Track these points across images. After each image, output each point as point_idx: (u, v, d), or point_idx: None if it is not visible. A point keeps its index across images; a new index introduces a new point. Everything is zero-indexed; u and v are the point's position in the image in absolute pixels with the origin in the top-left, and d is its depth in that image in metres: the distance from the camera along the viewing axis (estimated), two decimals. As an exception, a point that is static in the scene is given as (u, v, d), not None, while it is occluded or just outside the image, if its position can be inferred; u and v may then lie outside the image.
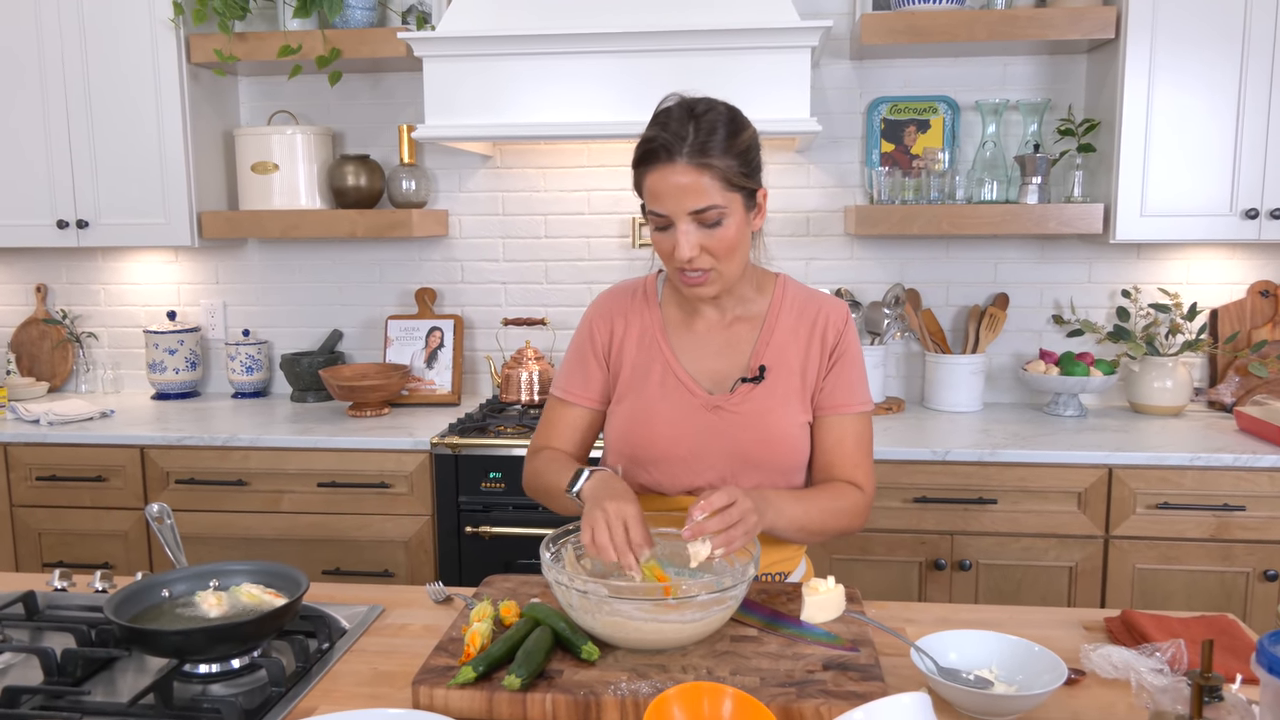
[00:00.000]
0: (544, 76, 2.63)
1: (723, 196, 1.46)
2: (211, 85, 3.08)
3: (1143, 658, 1.25)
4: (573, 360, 1.70)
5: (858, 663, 1.25)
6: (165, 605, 1.38)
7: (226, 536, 2.74)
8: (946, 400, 2.96)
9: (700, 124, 1.45)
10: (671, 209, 1.46)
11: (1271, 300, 2.96)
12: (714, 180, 1.45)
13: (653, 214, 1.50)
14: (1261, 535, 2.44)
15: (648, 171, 1.48)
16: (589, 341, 1.69)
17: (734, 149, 1.47)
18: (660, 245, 1.52)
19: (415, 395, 3.12)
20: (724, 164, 1.45)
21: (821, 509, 1.54)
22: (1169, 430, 2.70)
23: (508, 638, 1.26)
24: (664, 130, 1.46)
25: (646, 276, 1.73)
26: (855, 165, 3.06)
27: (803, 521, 1.51)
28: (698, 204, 1.45)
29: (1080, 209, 2.71)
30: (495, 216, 3.21)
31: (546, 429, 1.72)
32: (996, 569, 2.54)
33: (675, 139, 1.44)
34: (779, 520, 1.47)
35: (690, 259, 1.48)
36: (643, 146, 1.49)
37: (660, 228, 1.50)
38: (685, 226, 1.47)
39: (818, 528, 1.54)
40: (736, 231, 1.50)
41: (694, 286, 1.53)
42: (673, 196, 1.45)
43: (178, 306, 3.36)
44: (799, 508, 1.51)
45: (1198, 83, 2.62)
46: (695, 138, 1.44)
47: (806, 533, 1.54)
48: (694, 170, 1.44)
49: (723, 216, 1.47)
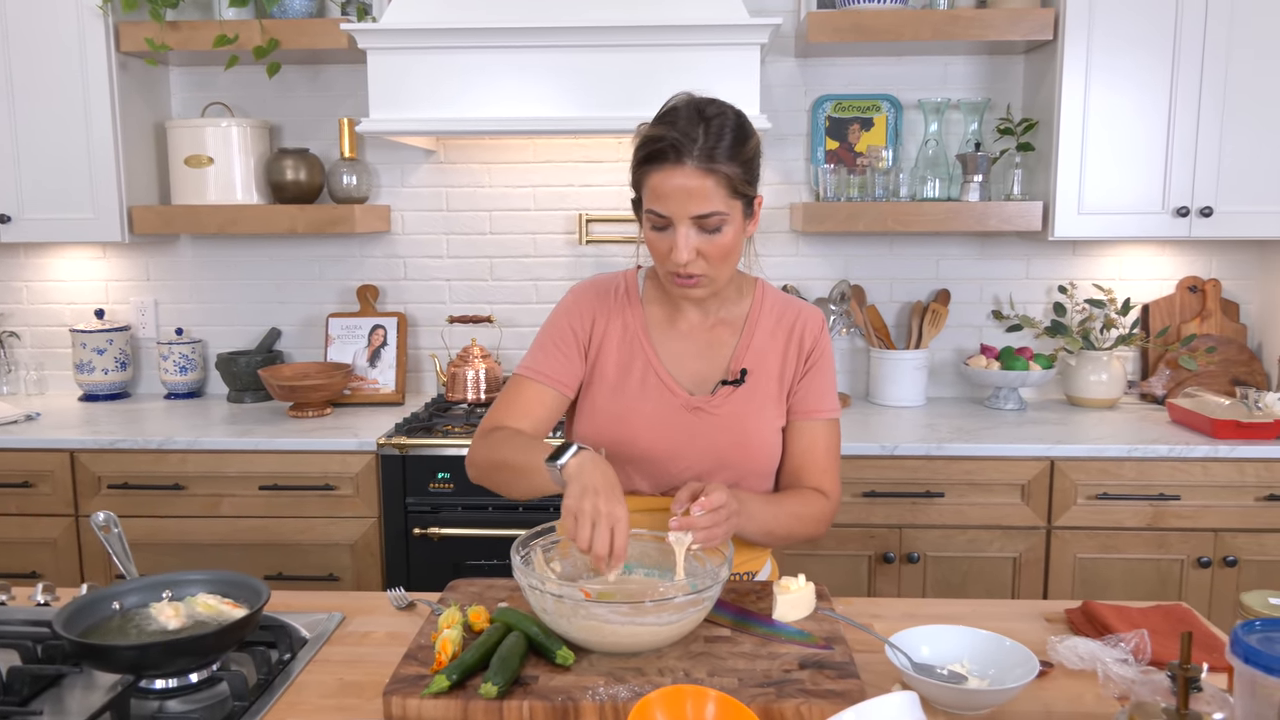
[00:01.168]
0: (491, 71, 2.59)
1: (725, 204, 1.45)
2: (142, 75, 2.97)
3: (1108, 648, 1.28)
4: (546, 343, 1.63)
5: (833, 660, 1.25)
6: (117, 619, 1.32)
7: (163, 543, 2.65)
8: (891, 395, 3.00)
9: (710, 127, 1.43)
10: (674, 211, 1.44)
11: (1199, 295, 3.06)
12: (719, 187, 1.43)
13: (651, 213, 1.47)
14: (1195, 524, 2.52)
15: (652, 170, 1.45)
16: (569, 328, 1.63)
17: (740, 156, 1.45)
18: (656, 245, 1.50)
19: (358, 395, 3.05)
20: (730, 171, 1.43)
21: (789, 514, 1.55)
22: (1105, 422, 2.78)
23: (480, 644, 1.23)
24: (672, 129, 1.43)
25: (627, 272, 1.70)
26: (800, 163, 3.08)
27: (770, 526, 1.52)
28: (701, 209, 1.44)
29: (1020, 207, 2.77)
30: (439, 212, 3.16)
31: (505, 407, 1.61)
32: (944, 561, 2.58)
33: (685, 139, 1.42)
34: (749, 524, 1.47)
35: (686, 263, 1.46)
36: (649, 145, 1.46)
37: (658, 228, 1.48)
38: (685, 230, 1.45)
39: (783, 533, 1.55)
40: (734, 238, 1.48)
41: (685, 289, 1.52)
42: (677, 199, 1.43)
43: (106, 304, 3.24)
44: (768, 512, 1.52)
45: (1132, 84, 2.69)
46: (705, 141, 1.42)
47: (772, 537, 1.55)
48: (701, 175, 1.42)
49: (723, 223, 1.46)
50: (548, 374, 1.61)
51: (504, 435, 1.54)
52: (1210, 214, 2.70)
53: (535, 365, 1.62)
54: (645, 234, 1.52)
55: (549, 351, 1.62)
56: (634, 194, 1.55)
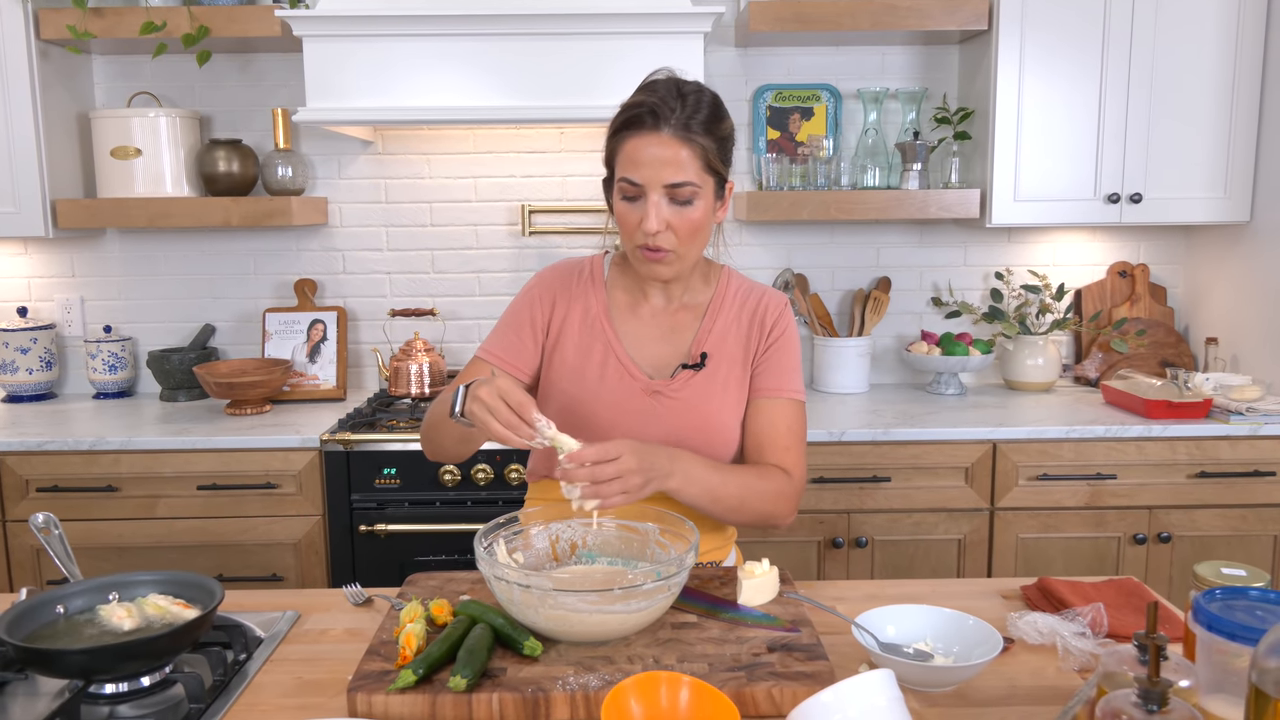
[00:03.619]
0: (430, 59, 2.55)
1: (699, 176, 1.46)
2: (63, 63, 2.86)
3: (1066, 622, 1.30)
4: (506, 327, 1.64)
5: (801, 643, 1.26)
6: (62, 622, 1.27)
7: (98, 546, 2.56)
8: (835, 382, 3.03)
9: (687, 100, 1.46)
10: (647, 178, 1.45)
11: (1129, 280, 3.15)
12: (694, 157, 1.45)
13: (624, 182, 1.47)
14: (1130, 502, 2.60)
15: (629, 137, 1.46)
16: (527, 313, 1.64)
17: (716, 131, 1.48)
18: (626, 217, 1.50)
19: (298, 391, 2.98)
20: (706, 143, 1.46)
21: (740, 484, 1.50)
22: (1043, 405, 2.84)
23: (446, 637, 1.21)
24: (652, 95, 1.46)
25: (594, 256, 1.70)
26: (742, 152, 3.08)
27: (718, 491, 1.46)
28: (675, 177, 1.44)
29: (959, 194, 2.81)
30: (378, 204, 3.10)
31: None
32: (891, 545, 2.61)
33: (663, 106, 1.44)
34: (688, 486, 1.42)
35: (655, 232, 1.46)
36: (627, 111, 1.47)
37: (629, 197, 1.48)
38: (656, 199, 1.46)
39: (734, 502, 1.49)
40: (703, 215, 1.49)
41: (652, 264, 1.52)
42: (651, 166, 1.44)
43: (29, 302, 3.11)
44: (714, 476, 1.46)
45: (1064, 73, 2.75)
46: (682, 111, 1.45)
47: (723, 506, 1.48)
48: (677, 142, 1.44)
49: (695, 196, 1.47)
50: (501, 356, 1.61)
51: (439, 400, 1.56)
52: (1140, 200, 2.78)
53: (490, 347, 1.63)
54: (615, 207, 1.52)
55: (505, 335, 1.63)
56: (606, 172, 1.56)
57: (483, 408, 1.30)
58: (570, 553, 1.45)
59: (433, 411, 1.55)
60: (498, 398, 1.29)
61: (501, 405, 1.29)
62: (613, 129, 1.51)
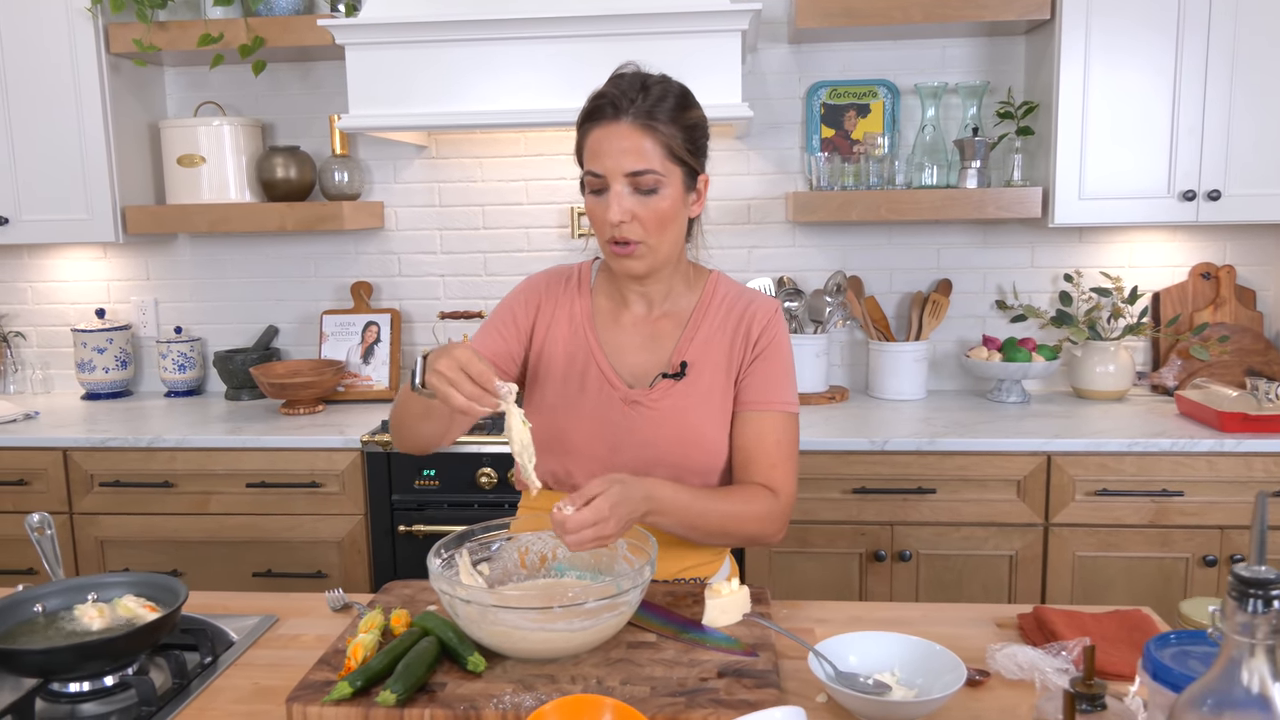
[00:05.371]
0: (472, 64, 2.56)
1: (662, 165, 1.44)
2: (133, 76, 2.99)
3: (1049, 657, 1.22)
4: (488, 324, 1.64)
5: (755, 668, 1.20)
6: (39, 621, 1.31)
7: (153, 540, 2.67)
8: (890, 388, 2.93)
9: (650, 91, 1.45)
10: (609, 168, 1.43)
11: (1213, 282, 2.95)
12: (656, 146, 1.43)
13: (590, 174, 1.46)
14: (1199, 520, 2.43)
15: (592, 128, 1.46)
16: (510, 314, 1.63)
17: (680, 120, 1.46)
18: (594, 211, 1.48)
19: (351, 392, 3.05)
20: (669, 131, 1.44)
21: (720, 511, 1.46)
22: (1110, 415, 2.68)
23: (390, 649, 1.20)
24: (614, 88, 1.45)
25: (583, 263, 1.68)
26: (795, 151, 3.01)
27: (695, 520, 1.43)
28: (636, 166, 1.42)
29: (1019, 193, 2.68)
30: (432, 208, 3.14)
31: None
32: (937, 559, 2.51)
33: (623, 97, 1.43)
34: (664, 519, 1.39)
35: (619, 223, 1.44)
36: (589, 104, 1.47)
37: (595, 190, 1.47)
38: (619, 188, 1.44)
39: (715, 528, 1.46)
40: (671, 205, 1.47)
41: (622, 258, 1.49)
42: (612, 155, 1.43)
43: (107, 304, 3.27)
44: (694, 504, 1.43)
45: (1134, 62, 2.58)
46: (643, 101, 1.43)
47: (702, 533, 1.46)
48: (638, 131, 1.42)
49: (659, 185, 1.44)
50: (480, 348, 1.59)
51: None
52: (1218, 197, 2.59)
53: (476, 339, 1.63)
54: (586, 204, 1.50)
55: (488, 331, 1.63)
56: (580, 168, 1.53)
57: (443, 380, 1.27)
58: (540, 565, 1.43)
59: (397, 397, 1.54)
60: (458, 369, 1.27)
61: (463, 376, 1.26)
62: (577, 123, 1.49)
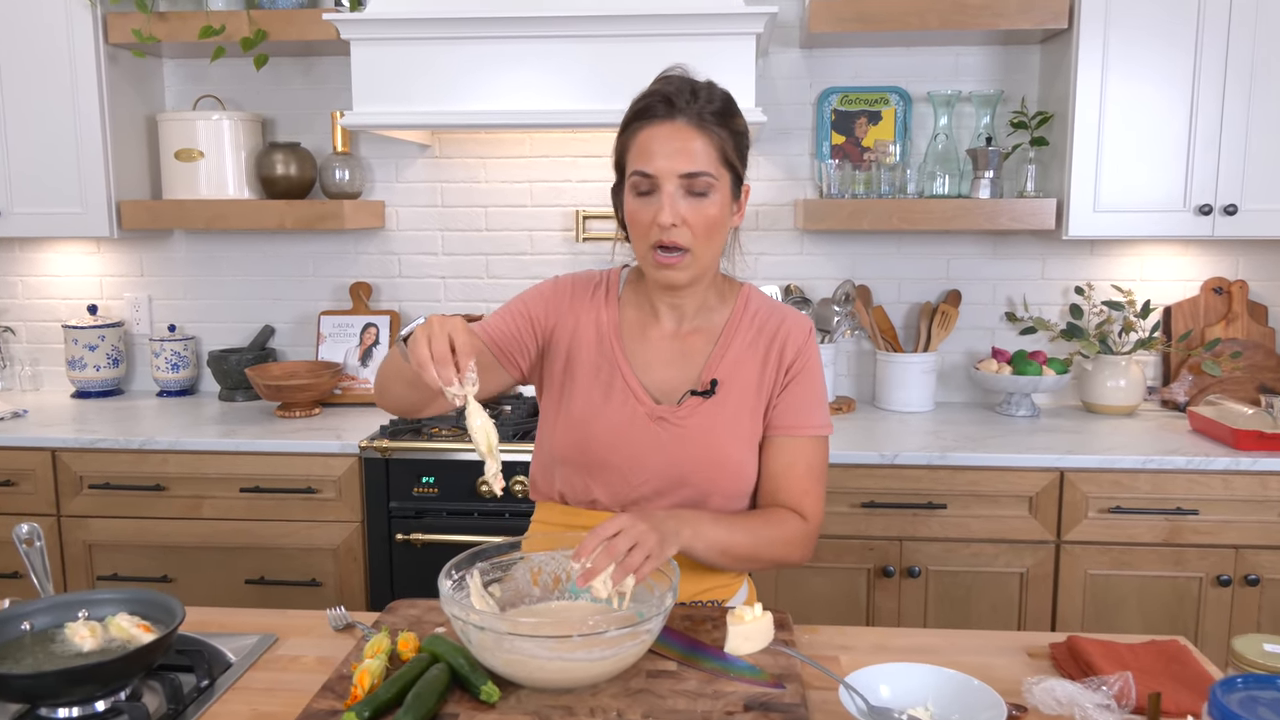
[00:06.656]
0: (475, 62, 2.50)
1: (715, 168, 1.40)
2: (132, 67, 2.92)
3: (1088, 692, 1.17)
4: (507, 312, 1.57)
5: (781, 702, 1.15)
6: (27, 640, 1.25)
7: (143, 545, 2.60)
8: (898, 400, 2.88)
9: (699, 93, 1.41)
10: (662, 168, 1.37)
11: (1225, 297, 2.91)
12: (710, 147, 1.39)
13: (637, 175, 1.40)
14: (1214, 540, 2.39)
15: (642, 127, 1.40)
16: (527, 308, 1.57)
17: (730, 125, 1.43)
18: (638, 215, 1.42)
19: (348, 395, 2.98)
20: (722, 134, 1.40)
21: (753, 536, 1.42)
22: (1122, 431, 2.64)
23: (399, 677, 1.15)
24: (666, 86, 1.41)
25: (610, 271, 1.62)
26: (805, 158, 2.96)
27: (726, 546, 1.40)
28: (691, 166, 1.37)
29: (1032, 204, 2.64)
30: (434, 208, 3.08)
31: None
32: (946, 575, 2.46)
33: (678, 96, 1.39)
34: (696, 543, 1.36)
35: (670, 225, 1.38)
36: (640, 101, 1.42)
37: (642, 192, 1.41)
38: (671, 189, 1.38)
39: (746, 554, 1.43)
40: (720, 212, 1.42)
41: (666, 268, 1.43)
42: (666, 155, 1.37)
43: (100, 300, 3.20)
44: (723, 532, 1.40)
45: (1151, 75, 2.54)
46: (697, 102, 1.39)
47: (733, 558, 1.43)
48: (693, 131, 1.38)
49: (711, 188, 1.39)
50: (491, 336, 1.54)
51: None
52: (1235, 212, 2.55)
53: (484, 322, 1.57)
54: (626, 206, 1.44)
55: (501, 314, 1.57)
56: (615, 176, 1.48)
57: (423, 331, 1.24)
58: (554, 586, 1.37)
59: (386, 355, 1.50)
60: (444, 331, 1.24)
61: (442, 336, 1.23)
62: (624, 123, 1.44)
